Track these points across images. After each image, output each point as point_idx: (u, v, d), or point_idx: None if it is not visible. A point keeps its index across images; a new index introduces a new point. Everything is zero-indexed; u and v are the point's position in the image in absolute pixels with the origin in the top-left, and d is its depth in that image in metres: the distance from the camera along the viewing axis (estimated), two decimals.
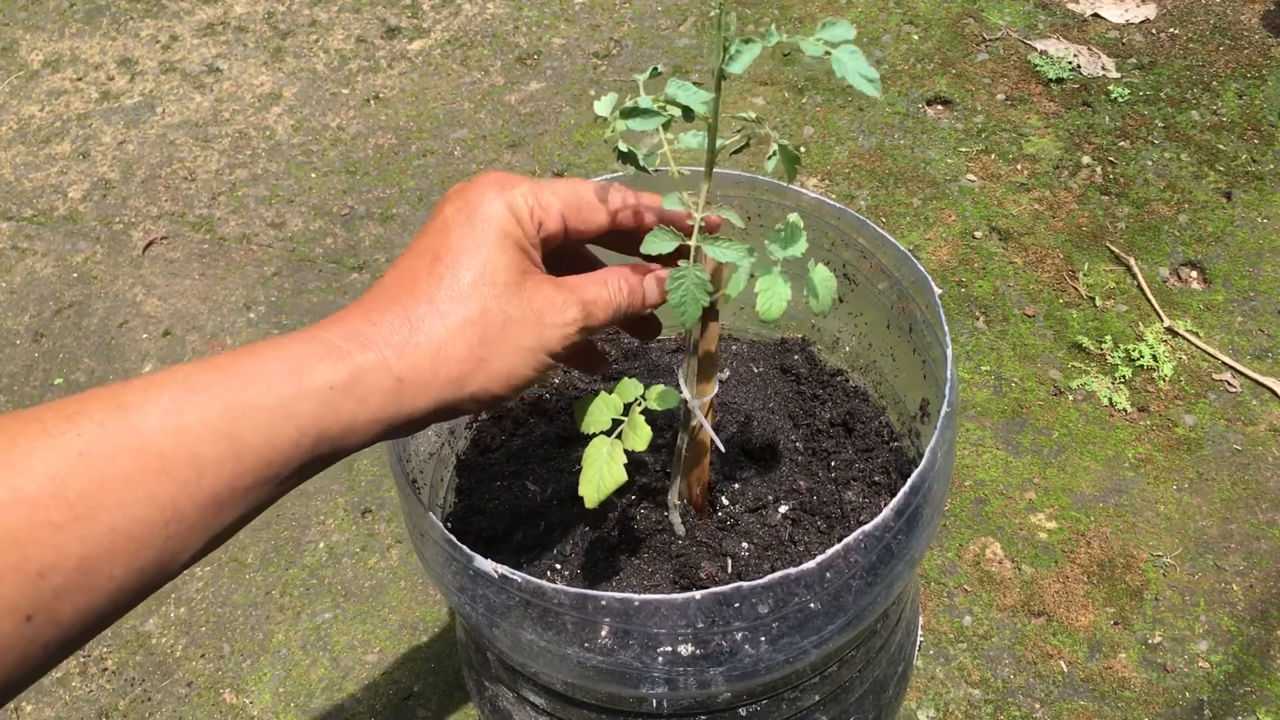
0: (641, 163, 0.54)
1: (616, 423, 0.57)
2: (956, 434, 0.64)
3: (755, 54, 0.47)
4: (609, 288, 0.52)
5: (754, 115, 0.52)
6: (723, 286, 0.55)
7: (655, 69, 0.55)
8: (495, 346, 0.46)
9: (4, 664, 0.34)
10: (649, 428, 0.56)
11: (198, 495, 0.38)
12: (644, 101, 0.51)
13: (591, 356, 0.63)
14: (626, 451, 0.55)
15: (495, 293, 0.47)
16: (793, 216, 0.54)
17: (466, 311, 0.46)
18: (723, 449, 0.65)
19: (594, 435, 0.57)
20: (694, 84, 0.51)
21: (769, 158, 0.53)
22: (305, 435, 0.41)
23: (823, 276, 0.53)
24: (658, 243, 0.51)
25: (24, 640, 0.34)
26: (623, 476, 0.55)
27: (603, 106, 0.53)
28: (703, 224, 0.52)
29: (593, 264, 0.59)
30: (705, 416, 0.61)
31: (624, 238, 0.56)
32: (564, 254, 0.58)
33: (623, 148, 0.53)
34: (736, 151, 0.55)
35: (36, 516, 0.34)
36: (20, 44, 1.86)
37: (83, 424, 0.37)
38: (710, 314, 0.56)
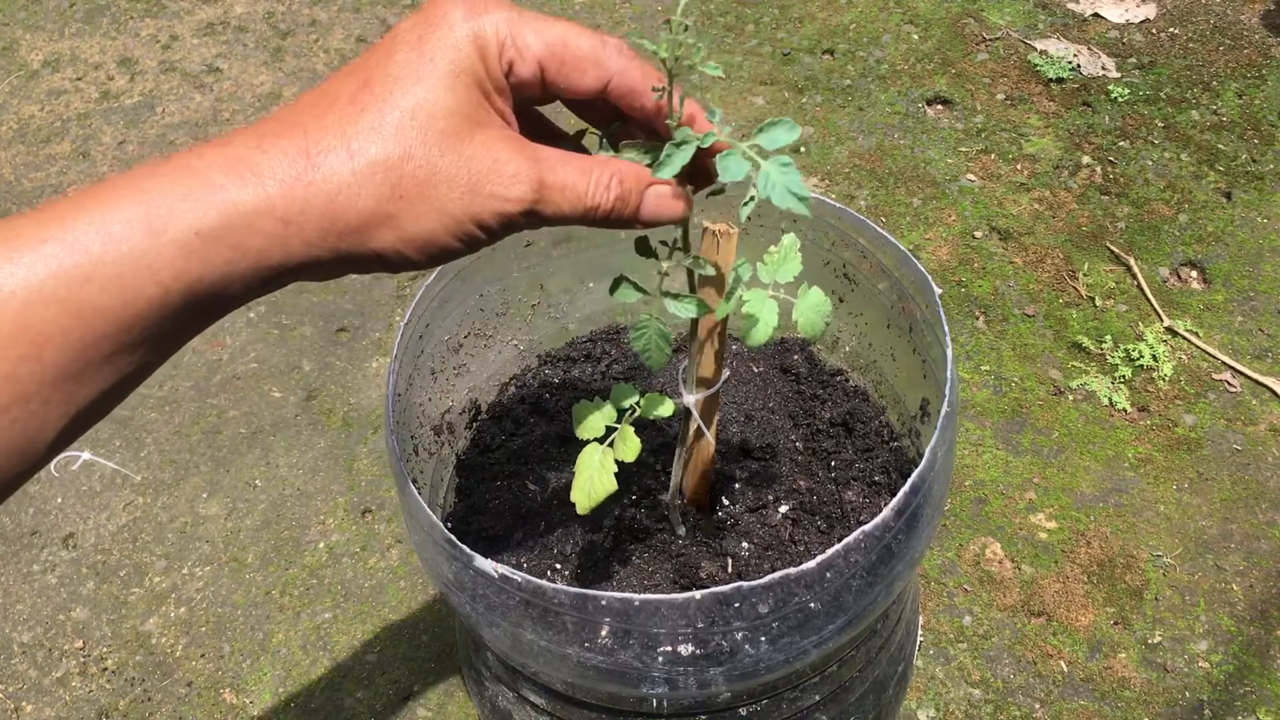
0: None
1: (611, 430, 0.57)
2: (956, 434, 0.64)
3: (686, 158, 0.43)
4: (591, 178, 0.42)
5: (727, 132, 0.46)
6: (721, 297, 0.54)
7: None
8: (410, 204, 0.38)
9: None
10: (638, 440, 0.56)
11: (40, 372, 0.33)
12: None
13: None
14: (618, 461, 0.56)
15: (426, 139, 0.38)
16: (788, 238, 0.53)
17: (382, 152, 0.37)
18: (712, 441, 0.65)
19: (588, 440, 0.57)
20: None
21: (744, 204, 0.46)
22: (170, 292, 0.35)
23: (816, 301, 0.51)
24: (623, 293, 0.51)
25: None
26: (613, 485, 0.55)
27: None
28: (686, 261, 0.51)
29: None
30: (704, 416, 0.61)
31: (611, 116, 0.46)
32: (543, 126, 0.48)
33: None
34: (712, 195, 0.49)
35: None
36: (20, 44, 1.86)
37: None
38: (711, 321, 0.56)
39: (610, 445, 0.56)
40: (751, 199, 0.46)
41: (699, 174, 0.46)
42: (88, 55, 1.83)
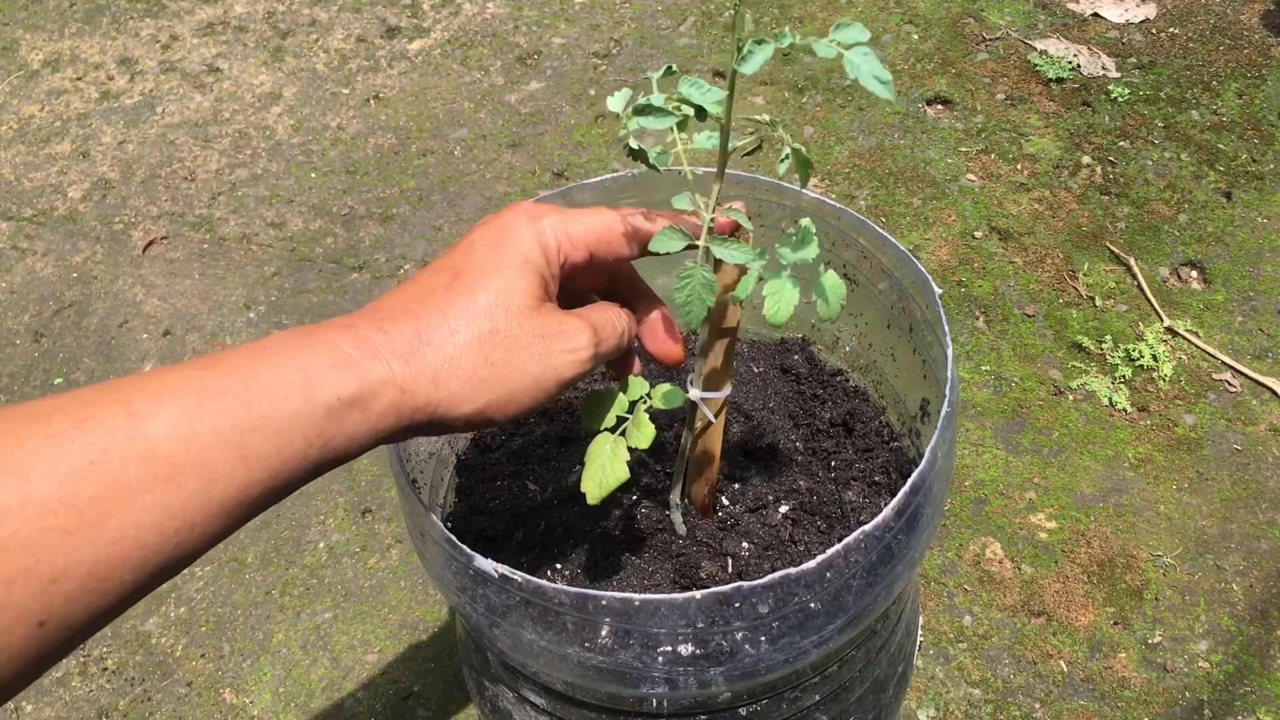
0: (652, 161, 0.53)
1: (621, 420, 0.57)
2: (956, 434, 0.64)
3: (768, 54, 0.46)
4: (610, 313, 0.52)
5: (768, 117, 0.52)
6: (733, 289, 0.54)
7: (670, 68, 0.54)
8: (499, 370, 0.47)
9: (15, 667, 0.34)
10: (653, 426, 0.56)
11: (208, 504, 0.38)
12: (656, 99, 0.50)
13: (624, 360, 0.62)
14: (629, 449, 0.55)
15: (508, 315, 0.47)
16: (805, 221, 0.53)
17: (476, 330, 0.46)
18: (718, 442, 0.65)
19: (598, 432, 0.57)
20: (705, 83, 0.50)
21: (780, 161, 0.52)
22: (311, 446, 0.42)
23: (832, 283, 0.52)
24: (666, 241, 0.51)
25: (36, 643, 0.34)
26: (625, 473, 0.55)
27: (615, 102, 0.53)
28: (712, 225, 0.52)
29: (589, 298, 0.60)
30: (716, 417, 0.61)
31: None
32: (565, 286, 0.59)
33: (633, 145, 0.53)
34: (749, 154, 0.55)
35: (46, 523, 0.34)
36: (20, 44, 1.86)
37: (92, 430, 0.36)
38: (721, 317, 0.56)
39: (622, 434, 0.56)
40: (786, 158, 0.51)
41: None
42: (88, 55, 1.83)
